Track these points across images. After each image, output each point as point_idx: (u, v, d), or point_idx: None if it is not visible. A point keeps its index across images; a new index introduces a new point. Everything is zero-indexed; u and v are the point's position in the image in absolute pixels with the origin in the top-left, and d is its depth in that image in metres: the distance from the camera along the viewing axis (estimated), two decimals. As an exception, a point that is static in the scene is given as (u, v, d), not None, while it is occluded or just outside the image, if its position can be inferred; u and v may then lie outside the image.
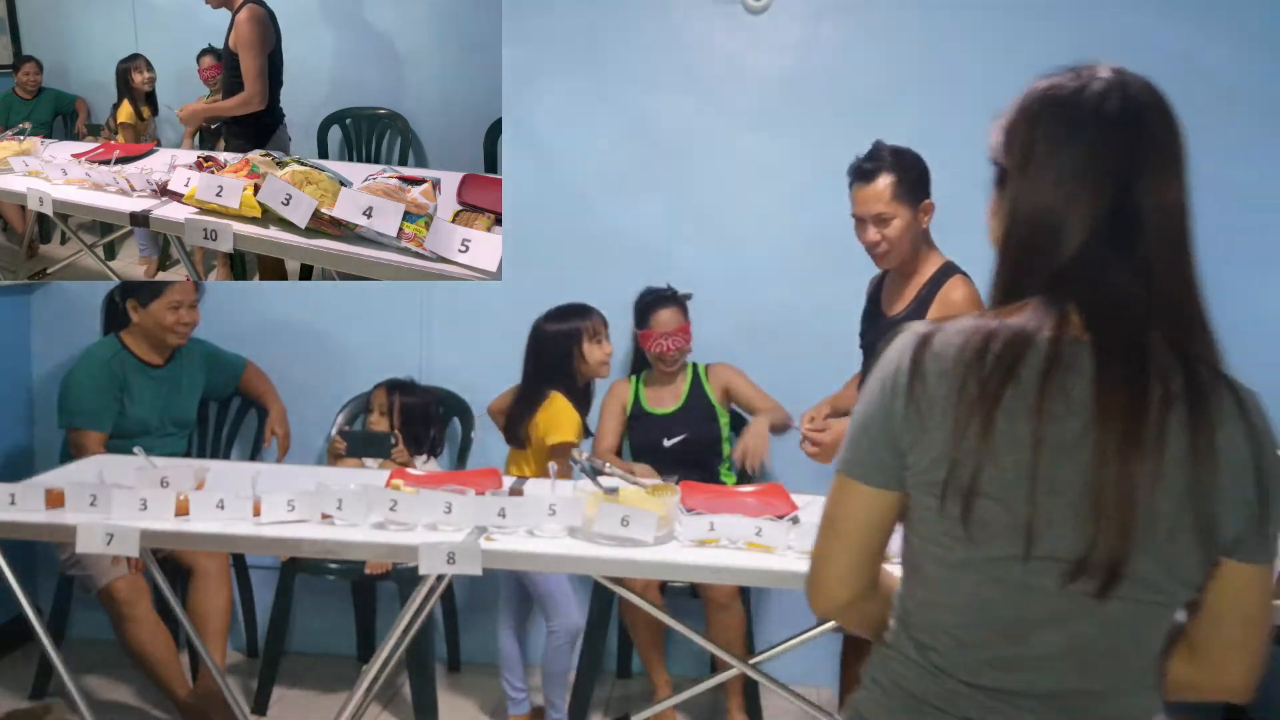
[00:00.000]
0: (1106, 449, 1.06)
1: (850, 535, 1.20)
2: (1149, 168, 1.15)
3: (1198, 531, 1.08)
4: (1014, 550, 1.09)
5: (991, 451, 1.08)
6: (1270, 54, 3.33)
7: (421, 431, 3.43)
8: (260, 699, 3.30)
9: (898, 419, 1.13)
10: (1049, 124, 1.17)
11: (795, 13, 3.46)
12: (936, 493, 1.11)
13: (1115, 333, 1.09)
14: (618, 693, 3.53)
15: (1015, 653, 1.13)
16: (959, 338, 1.12)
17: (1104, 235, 1.11)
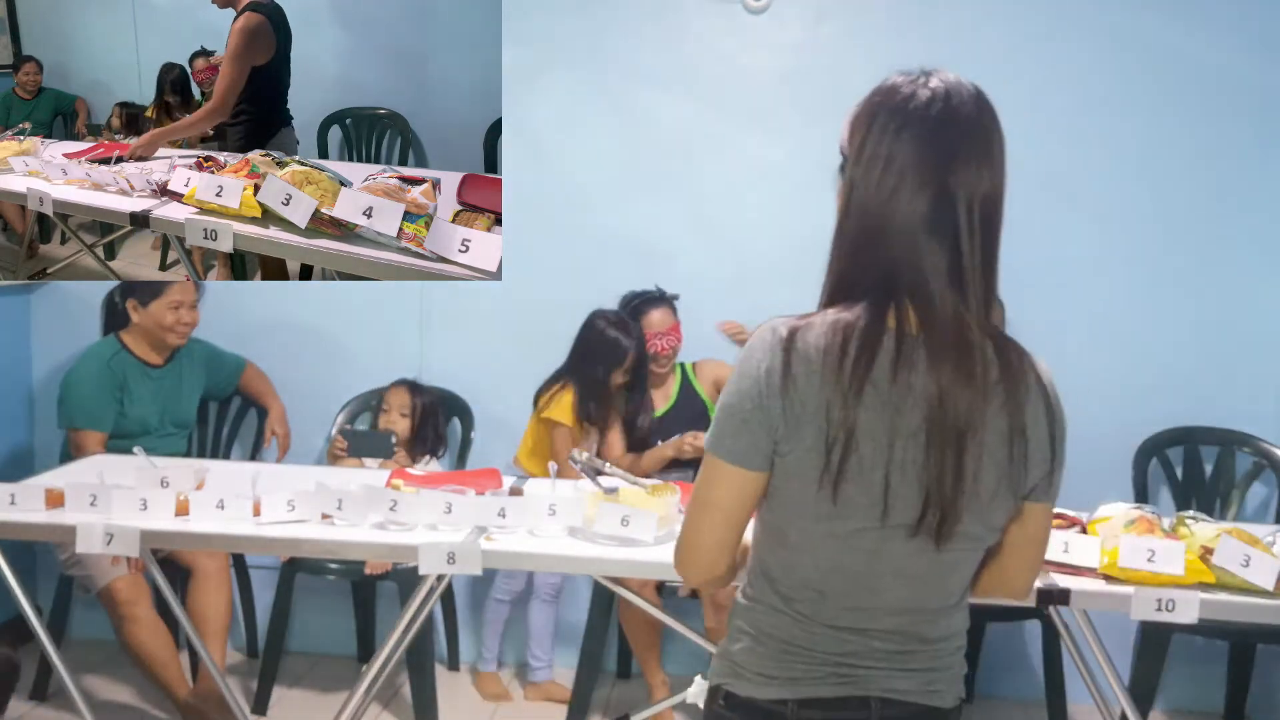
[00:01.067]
0: (944, 438, 1.25)
1: (727, 512, 1.34)
2: (964, 166, 1.28)
3: (1011, 492, 1.32)
4: (871, 522, 1.28)
5: (855, 442, 1.25)
6: (1271, 54, 3.33)
7: (432, 430, 3.43)
8: (260, 699, 3.30)
9: (774, 414, 1.27)
10: (883, 120, 1.30)
11: (795, 13, 3.46)
12: (811, 476, 1.27)
13: (942, 328, 1.26)
14: (618, 693, 3.53)
15: (869, 600, 1.34)
16: (822, 339, 1.27)
17: (927, 228, 1.27)
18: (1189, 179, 3.38)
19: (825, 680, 1.35)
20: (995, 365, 1.28)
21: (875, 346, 1.25)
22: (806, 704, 1.35)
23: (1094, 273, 3.43)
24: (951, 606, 1.39)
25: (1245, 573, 2.07)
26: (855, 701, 1.35)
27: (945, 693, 1.40)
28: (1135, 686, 3.02)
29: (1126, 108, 3.38)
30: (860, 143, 1.32)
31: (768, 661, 1.36)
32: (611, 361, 3.18)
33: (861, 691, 1.35)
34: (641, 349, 3.23)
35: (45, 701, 3.32)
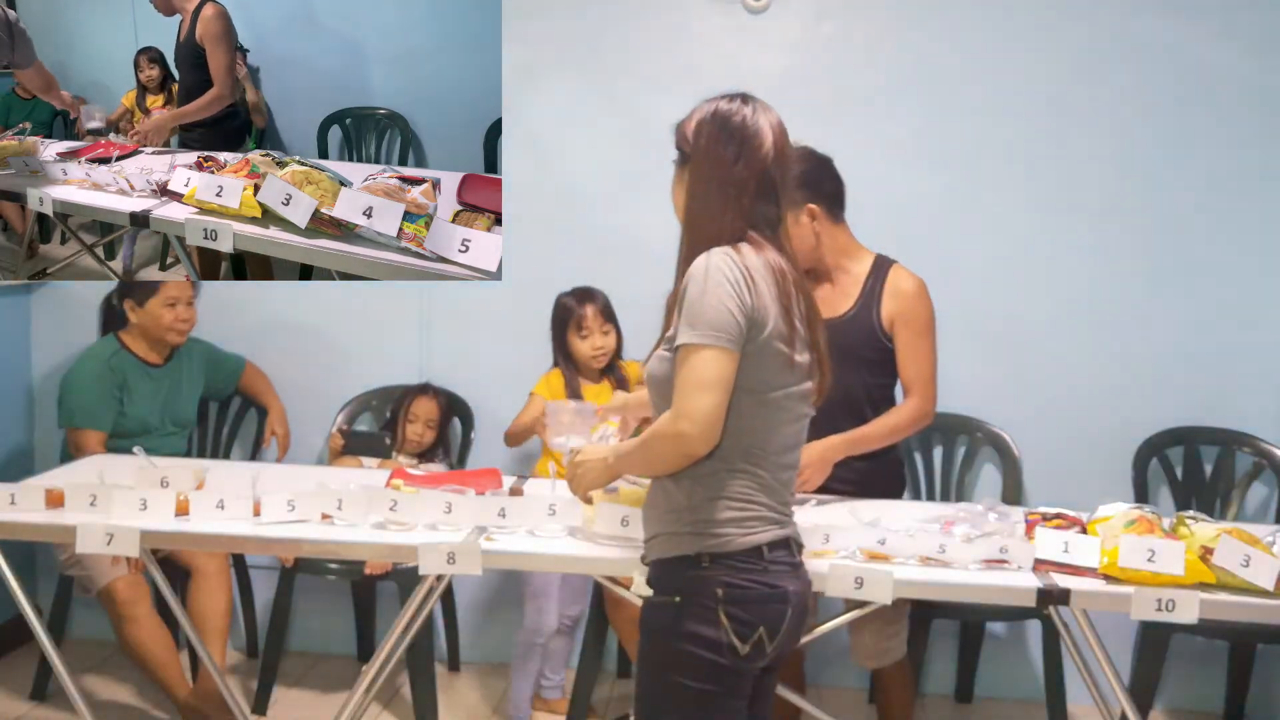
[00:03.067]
0: (818, 321, 1.88)
1: (726, 388, 1.74)
2: (784, 172, 1.91)
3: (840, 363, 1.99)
4: (806, 386, 1.86)
5: (794, 327, 1.81)
6: (1271, 54, 3.33)
7: (445, 434, 3.44)
8: (260, 699, 3.30)
9: (750, 307, 1.74)
10: (725, 137, 1.95)
11: (795, 12, 3.46)
12: (780, 356, 1.78)
13: (794, 259, 1.87)
14: (618, 693, 3.53)
15: (796, 450, 1.89)
16: (757, 263, 1.78)
17: (770, 207, 1.86)
18: (1189, 178, 3.38)
19: (783, 524, 1.85)
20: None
21: (784, 271, 1.83)
22: (775, 545, 1.81)
23: (1094, 273, 3.43)
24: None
25: (1245, 573, 2.07)
26: (795, 541, 1.88)
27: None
28: (1135, 686, 3.02)
29: (1125, 107, 3.38)
30: (694, 144, 2.07)
31: (749, 515, 1.81)
32: (574, 322, 3.16)
33: (793, 532, 1.87)
34: (603, 308, 3.20)
35: (45, 701, 3.32)
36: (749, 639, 1.76)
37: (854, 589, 2.09)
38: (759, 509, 1.80)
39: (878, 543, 2.17)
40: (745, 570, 1.77)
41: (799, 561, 1.86)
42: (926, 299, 2.69)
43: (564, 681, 3.25)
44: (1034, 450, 3.37)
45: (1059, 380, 3.40)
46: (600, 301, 3.19)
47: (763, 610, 1.78)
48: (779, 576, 1.79)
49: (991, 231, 3.40)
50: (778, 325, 1.77)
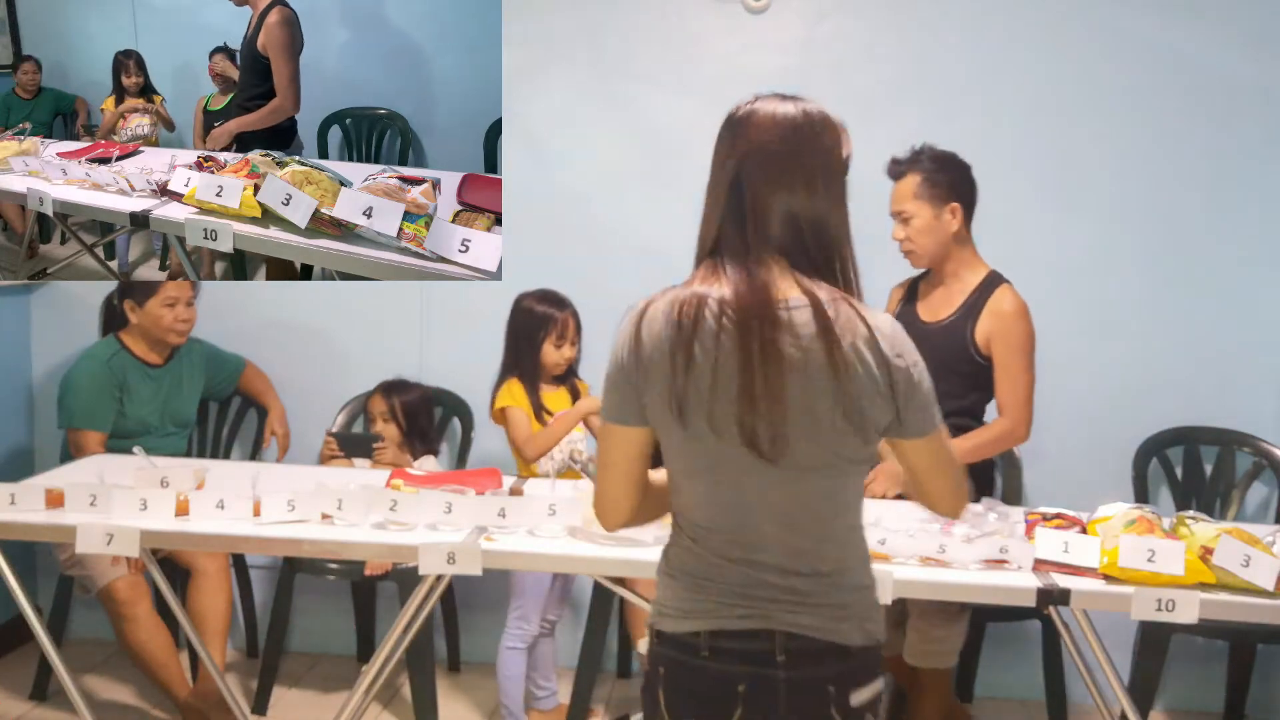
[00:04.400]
0: (746, 370, 1.45)
1: (620, 467, 1.56)
2: (749, 163, 1.67)
3: (840, 421, 1.47)
4: (721, 456, 1.48)
5: (691, 385, 1.47)
6: (1271, 54, 3.33)
7: (426, 425, 3.43)
8: (260, 699, 3.30)
9: (631, 374, 1.51)
10: (719, 141, 1.75)
11: (795, 12, 3.46)
12: (664, 421, 1.50)
13: (744, 288, 1.49)
14: (618, 693, 3.53)
15: (750, 533, 1.51)
16: (663, 308, 1.51)
17: (729, 213, 1.64)
18: (1189, 179, 3.38)
19: (731, 614, 1.51)
20: (811, 317, 1.47)
21: (700, 306, 1.49)
22: (716, 635, 1.50)
23: (1094, 273, 3.43)
24: (834, 537, 1.54)
25: (1245, 573, 2.07)
26: (761, 634, 1.50)
27: (851, 630, 1.52)
28: (1135, 686, 3.02)
29: (1126, 108, 3.38)
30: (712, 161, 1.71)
31: (682, 595, 1.54)
32: (544, 334, 3.07)
33: (765, 624, 1.50)
34: (576, 316, 3.12)
35: (45, 701, 3.32)
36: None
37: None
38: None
39: (878, 542, 2.17)
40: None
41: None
42: (1027, 321, 2.69)
43: (557, 689, 3.23)
44: (1034, 450, 3.37)
45: (1059, 380, 3.39)
46: (573, 308, 3.13)
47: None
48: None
49: (991, 232, 3.39)
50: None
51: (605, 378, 1.55)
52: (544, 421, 3.07)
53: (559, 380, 3.17)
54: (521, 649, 3.08)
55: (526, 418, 3.06)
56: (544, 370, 3.11)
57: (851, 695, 1.51)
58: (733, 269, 1.52)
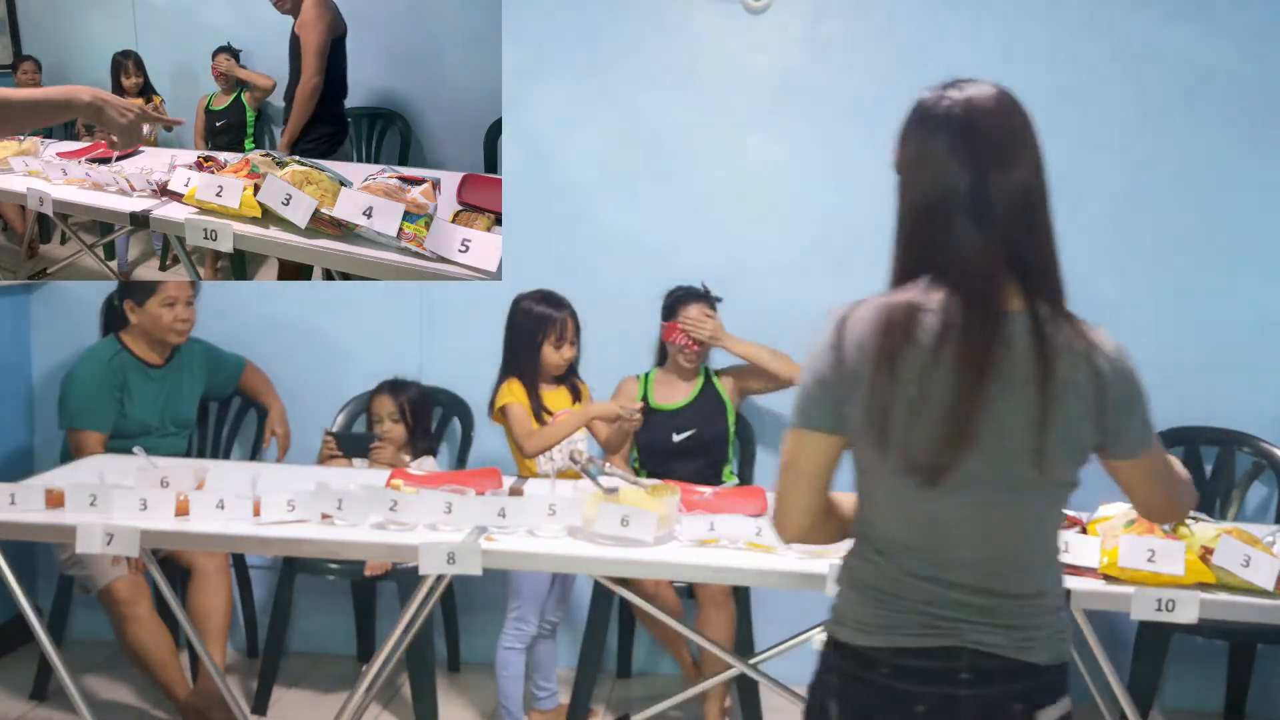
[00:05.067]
0: (972, 390, 1.40)
1: (807, 475, 1.52)
2: (993, 160, 1.45)
3: (1052, 445, 1.42)
4: (923, 472, 1.43)
5: (898, 399, 1.42)
6: (1271, 54, 3.33)
7: (427, 424, 3.44)
8: (260, 699, 3.30)
9: (833, 384, 1.47)
10: (915, 130, 1.51)
11: (795, 12, 3.46)
12: (870, 435, 1.45)
13: (972, 299, 1.42)
14: (618, 693, 3.53)
15: (946, 552, 1.47)
16: (868, 314, 1.46)
17: (965, 215, 1.44)
18: (1189, 179, 3.38)
19: (916, 631, 1.47)
20: (1029, 336, 1.42)
21: (912, 323, 1.42)
22: (899, 652, 1.47)
23: (1093, 273, 3.41)
24: (1036, 561, 1.51)
25: (1245, 573, 2.07)
26: (946, 652, 1.46)
27: (1040, 650, 1.48)
28: (1135, 686, 3.02)
29: (1126, 108, 3.38)
30: (902, 153, 1.53)
31: (864, 610, 1.51)
32: (544, 335, 3.08)
33: (952, 643, 1.46)
34: (575, 317, 3.13)
35: (45, 701, 3.33)
36: None
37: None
38: None
39: None
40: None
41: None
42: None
43: (558, 690, 3.24)
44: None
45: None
46: (571, 308, 3.14)
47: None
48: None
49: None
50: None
51: (800, 384, 1.52)
52: (544, 422, 3.08)
53: (559, 380, 3.18)
54: (520, 649, 3.08)
55: (526, 413, 3.06)
56: (543, 371, 3.12)
57: (1040, 714, 1.48)
58: (961, 273, 1.43)
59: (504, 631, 3.08)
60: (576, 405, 3.19)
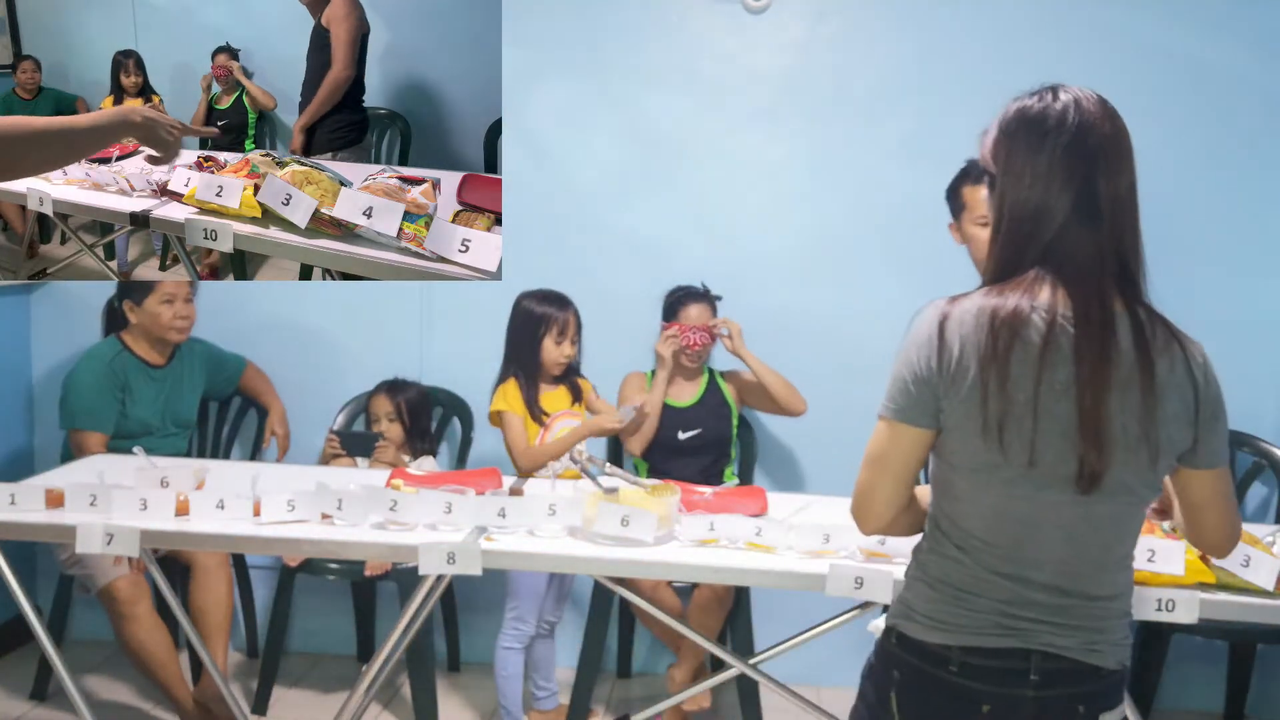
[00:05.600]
0: (1085, 389, 1.42)
1: (895, 467, 1.53)
2: (1102, 167, 1.47)
3: (1150, 449, 1.45)
4: (1022, 471, 1.44)
5: (1007, 395, 1.42)
6: (1271, 54, 3.33)
7: (426, 424, 3.44)
8: (260, 699, 3.30)
9: (934, 378, 1.47)
10: (1023, 137, 1.52)
11: (795, 12, 3.46)
12: (970, 429, 1.45)
13: (1087, 301, 1.44)
14: (618, 693, 3.53)
15: (1030, 549, 1.48)
16: (973, 311, 1.47)
17: (1074, 220, 1.46)
18: (1189, 178, 3.38)
19: (989, 630, 1.49)
20: (1131, 336, 1.45)
21: (1024, 314, 1.44)
22: (970, 651, 1.48)
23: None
24: (1113, 564, 1.52)
25: (1245, 573, 2.07)
26: (1017, 653, 1.48)
27: (1106, 654, 1.51)
28: (1135, 686, 3.02)
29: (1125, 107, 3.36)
30: (1006, 158, 1.52)
31: (937, 606, 1.52)
32: (545, 330, 3.09)
33: (1023, 644, 1.48)
34: (578, 316, 3.15)
35: (45, 701, 3.33)
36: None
37: (854, 589, 2.09)
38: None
39: (878, 542, 2.17)
40: None
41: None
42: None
43: (557, 690, 3.24)
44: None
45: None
46: (574, 307, 3.16)
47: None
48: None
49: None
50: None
51: (894, 376, 1.51)
52: (540, 421, 3.08)
53: (559, 380, 3.17)
54: (518, 649, 3.08)
55: (522, 425, 3.07)
56: (543, 369, 3.12)
57: (1102, 717, 1.52)
58: (1069, 275, 1.46)
59: (502, 631, 3.08)
60: (576, 406, 3.19)
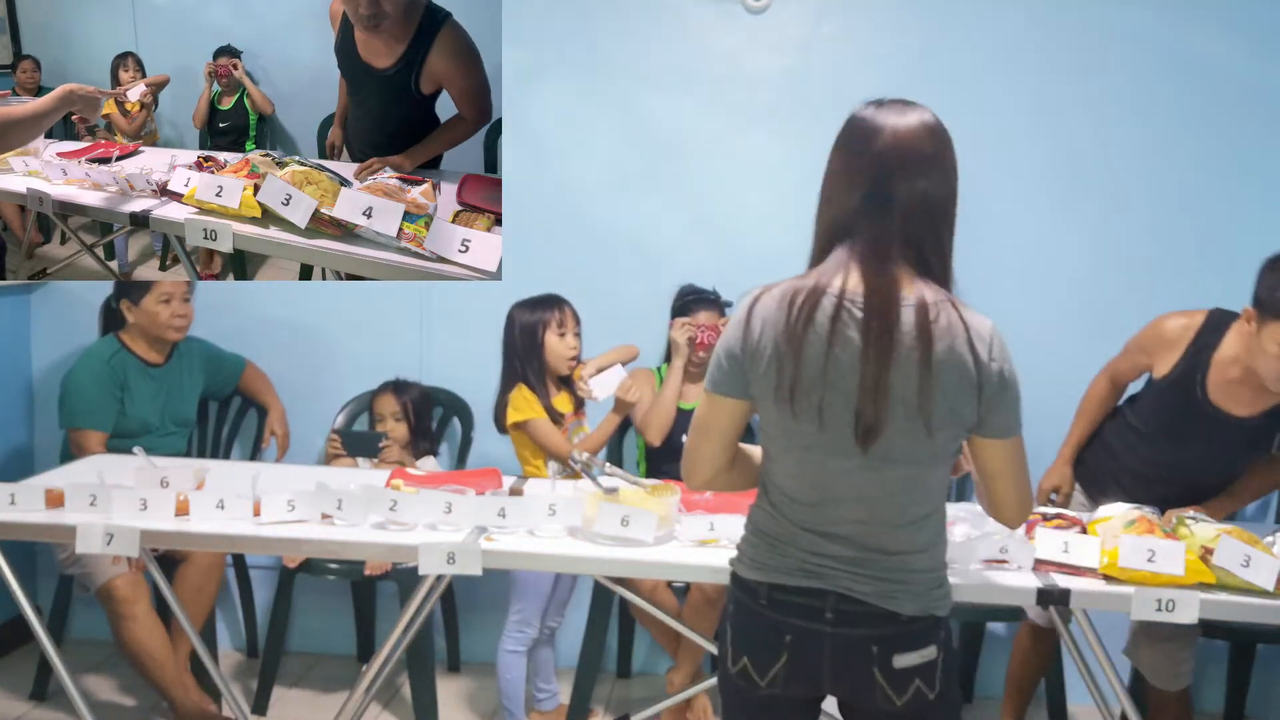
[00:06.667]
0: (867, 358, 1.59)
1: (714, 432, 1.74)
2: (902, 170, 1.66)
3: (926, 417, 1.59)
4: (814, 437, 1.63)
5: (798, 368, 1.61)
6: (1271, 54, 3.33)
7: (428, 424, 3.44)
8: (260, 699, 3.30)
9: (742, 354, 1.67)
10: (846, 142, 1.78)
11: (795, 12, 3.46)
12: (769, 399, 1.65)
13: (874, 284, 1.60)
14: (618, 693, 3.53)
15: (830, 508, 1.67)
16: (777, 296, 1.66)
17: (864, 214, 1.65)
18: (1189, 178, 3.38)
19: (795, 572, 1.69)
20: (914, 317, 1.59)
21: (818, 296, 1.62)
22: (776, 588, 1.69)
23: (1093, 272, 3.43)
24: (908, 524, 1.67)
25: (1245, 573, 2.08)
26: (816, 593, 1.67)
27: (904, 602, 1.66)
28: (1135, 686, 3.02)
29: (1126, 108, 3.38)
30: (833, 155, 1.78)
31: (756, 551, 1.73)
32: (544, 328, 3.05)
33: (822, 585, 1.67)
34: (574, 311, 3.11)
35: (45, 701, 3.33)
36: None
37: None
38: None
39: None
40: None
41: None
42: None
43: (558, 690, 3.23)
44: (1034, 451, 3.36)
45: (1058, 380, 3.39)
46: (568, 303, 3.12)
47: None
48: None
49: (991, 232, 3.39)
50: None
51: (714, 353, 1.72)
52: (557, 423, 3.05)
53: (563, 382, 3.14)
54: (521, 651, 3.06)
55: (553, 428, 3.02)
56: (549, 369, 3.07)
57: (895, 658, 1.65)
58: (863, 264, 1.62)
59: (505, 634, 3.06)
60: (579, 413, 3.16)
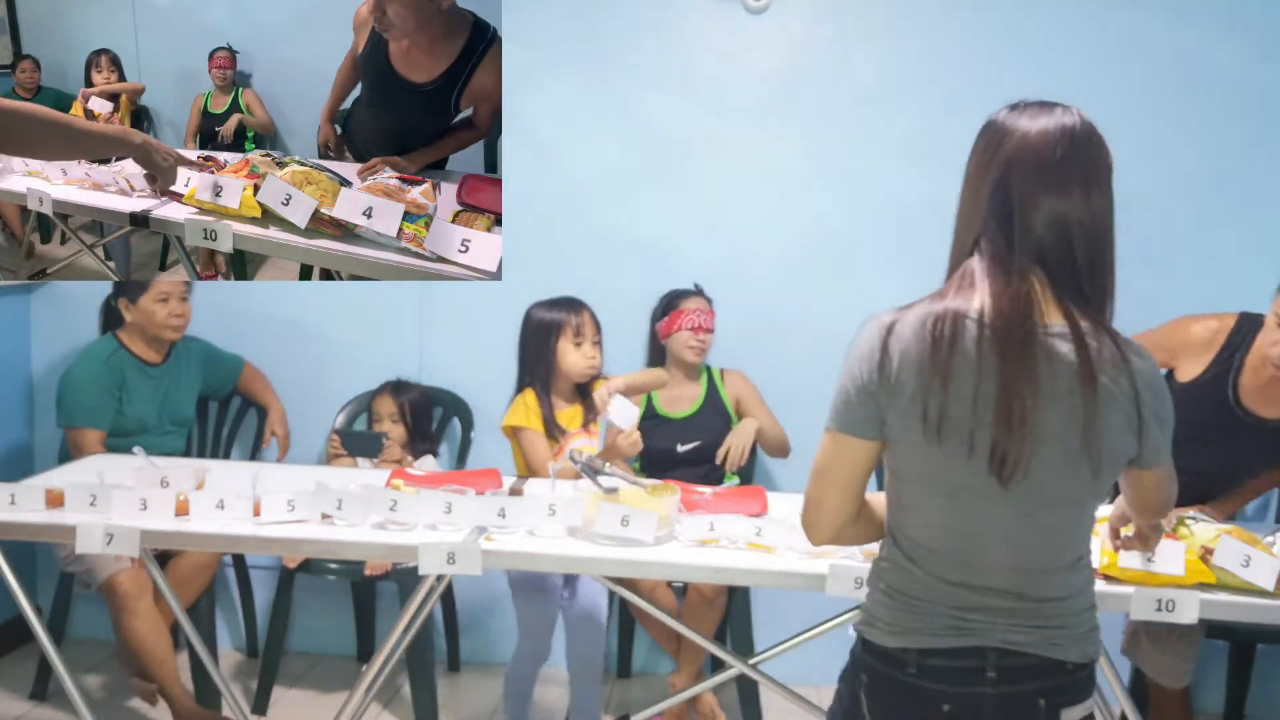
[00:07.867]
0: (1013, 396, 1.44)
1: (842, 477, 1.56)
2: (1028, 178, 1.53)
3: (1090, 459, 1.46)
4: (964, 481, 1.47)
5: (951, 404, 1.45)
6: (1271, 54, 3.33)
7: (427, 425, 3.44)
8: (260, 699, 3.30)
9: (877, 390, 1.49)
10: (984, 148, 1.59)
11: (795, 12, 3.46)
12: (912, 441, 1.48)
13: (1009, 315, 1.46)
14: (618, 693, 3.53)
15: (976, 557, 1.51)
16: (913, 324, 1.49)
17: (992, 227, 1.52)
18: (1189, 178, 3.38)
19: (943, 632, 1.51)
20: (1074, 351, 1.48)
21: (960, 323, 1.46)
22: (926, 653, 1.51)
23: (1094, 273, 3.42)
24: (1063, 568, 1.53)
25: (1245, 573, 2.07)
26: (973, 652, 1.50)
27: (1068, 648, 1.52)
28: (1135, 686, 3.02)
29: (1126, 109, 3.37)
30: (971, 161, 1.60)
31: (894, 614, 1.54)
32: (556, 335, 2.90)
33: (979, 642, 1.50)
34: (595, 318, 2.95)
35: (45, 701, 3.33)
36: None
37: (855, 589, 2.09)
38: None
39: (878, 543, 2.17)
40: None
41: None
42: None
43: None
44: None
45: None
46: (590, 310, 2.97)
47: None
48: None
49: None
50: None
51: (839, 389, 1.54)
52: (555, 438, 2.91)
53: (576, 394, 2.98)
54: (531, 666, 2.96)
55: (543, 444, 2.87)
56: (563, 377, 2.93)
57: (1063, 712, 1.52)
58: (991, 281, 1.49)
59: (517, 653, 2.95)
60: (592, 426, 2.99)
